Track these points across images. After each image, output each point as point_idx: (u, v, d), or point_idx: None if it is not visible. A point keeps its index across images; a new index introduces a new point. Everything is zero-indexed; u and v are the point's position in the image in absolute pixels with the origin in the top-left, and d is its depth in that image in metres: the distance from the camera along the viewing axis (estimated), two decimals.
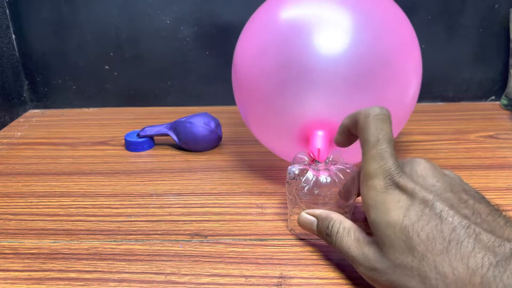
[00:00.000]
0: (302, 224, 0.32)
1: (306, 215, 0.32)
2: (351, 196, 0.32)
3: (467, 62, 0.62)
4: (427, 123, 0.57)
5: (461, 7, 0.59)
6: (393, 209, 0.25)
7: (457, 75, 0.63)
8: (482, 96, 0.64)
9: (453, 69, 0.63)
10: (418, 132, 0.54)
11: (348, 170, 0.32)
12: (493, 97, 0.64)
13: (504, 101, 0.61)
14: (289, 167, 0.33)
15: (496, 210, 0.25)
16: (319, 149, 0.33)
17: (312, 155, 0.34)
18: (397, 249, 0.24)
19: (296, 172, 0.32)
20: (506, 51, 0.61)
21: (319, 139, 0.34)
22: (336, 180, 0.32)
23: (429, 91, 0.64)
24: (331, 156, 0.34)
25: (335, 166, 0.33)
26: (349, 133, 0.30)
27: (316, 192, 0.32)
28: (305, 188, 0.32)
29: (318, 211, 0.31)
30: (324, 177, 0.32)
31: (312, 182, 0.32)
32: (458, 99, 0.64)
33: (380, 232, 0.25)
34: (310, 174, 0.32)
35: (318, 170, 0.32)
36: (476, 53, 0.61)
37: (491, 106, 0.63)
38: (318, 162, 0.34)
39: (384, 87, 0.34)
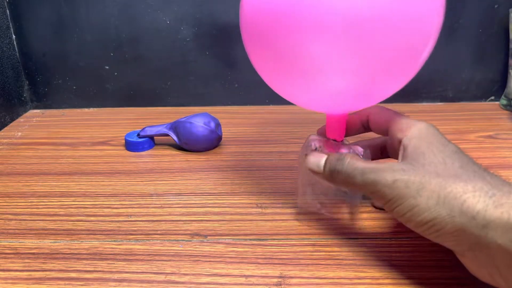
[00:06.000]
0: (310, 162, 0.31)
1: (317, 153, 0.31)
2: None
3: (466, 62, 0.62)
4: None
5: (460, 7, 0.59)
6: None
7: (457, 75, 0.63)
8: (481, 96, 0.64)
9: (453, 69, 0.63)
10: None
11: (360, 149, 0.32)
12: (492, 97, 0.64)
13: (503, 101, 0.61)
14: (309, 139, 0.33)
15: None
16: (336, 138, 0.33)
17: (330, 137, 0.34)
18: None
19: (318, 145, 0.32)
20: (505, 51, 0.61)
21: (336, 126, 0.33)
22: (357, 153, 0.32)
23: (429, 91, 0.64)
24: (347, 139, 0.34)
25: (352, 143, 0.33)
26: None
27: None
28: None
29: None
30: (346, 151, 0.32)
31: None
32: (458, 99, 0.64)
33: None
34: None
35: (338, 146, 0.33)
36: (476, 53, 0.62)
37: (490, 106, 0.63)
38: (335, 141, 0.33)
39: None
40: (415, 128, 0.28)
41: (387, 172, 0.26)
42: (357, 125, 0.34)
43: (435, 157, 0.26)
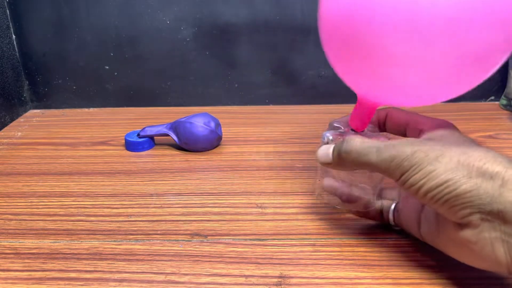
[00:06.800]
0: (319, 154, 0.31)
1: (325, 145, 0.32)
2: None
3: None
4: None
5: None
6: None
7: None
8: (481, 96, 0.64)
9: None
10: None
11: (382, 139, 0.32)
12: (492, 97, 0.64)
13: (503, 101, 0.61)
14: (324, 133, 0.33)
15: None
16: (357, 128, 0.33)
17: (351, 125, 0.34)
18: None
19: (331, 138, 0.32)
20: None
21: (363, 114, 0.33)
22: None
23: None
24: (368, 128, 0.34)
25: (371, 133, 0.33)
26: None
27: None
28: None
29: None
30: None
31: None
32: (458, 99, 0.64)
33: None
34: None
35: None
36: None
37: (490, 106, 0.63)
38: (354, 131, 0.33)
39: None
40: (441, 126, 0.31)
41: (405, 146, 0.26)
42: (373, 123, 0.34)
43: (457, 141, 0.28)
